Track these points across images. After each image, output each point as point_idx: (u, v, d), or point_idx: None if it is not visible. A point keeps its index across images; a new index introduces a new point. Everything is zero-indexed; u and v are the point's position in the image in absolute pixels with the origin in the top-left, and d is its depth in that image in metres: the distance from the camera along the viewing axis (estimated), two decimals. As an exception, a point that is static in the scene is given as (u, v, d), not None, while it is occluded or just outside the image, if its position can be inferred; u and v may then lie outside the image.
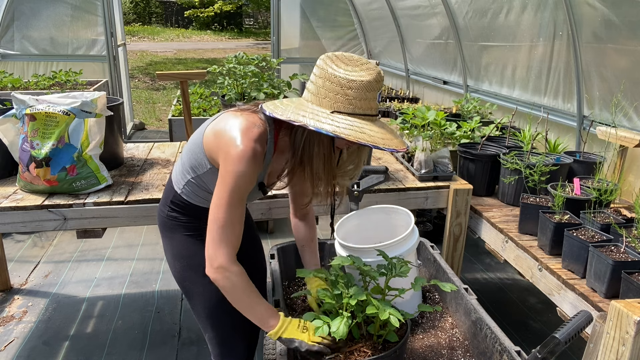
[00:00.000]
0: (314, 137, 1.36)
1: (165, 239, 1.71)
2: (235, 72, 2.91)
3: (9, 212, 2.22)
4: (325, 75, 1.31)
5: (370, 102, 1.31)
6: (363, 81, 1.28)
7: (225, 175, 1.36)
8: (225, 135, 1.39)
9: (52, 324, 2.93)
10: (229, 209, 1.36)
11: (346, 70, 1.30)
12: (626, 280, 1.76)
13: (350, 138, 1.24)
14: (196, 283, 1.66)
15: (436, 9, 4.70)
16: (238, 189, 1.35)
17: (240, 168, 1.34)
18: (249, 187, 1.38)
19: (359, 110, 1.30)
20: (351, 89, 1.28)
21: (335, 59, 1.34)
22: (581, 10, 2.97)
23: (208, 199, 1.58)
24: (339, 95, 1.29)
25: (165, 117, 8.32)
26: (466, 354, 1.56)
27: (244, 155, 1.33)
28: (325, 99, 1.30)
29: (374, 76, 1.31)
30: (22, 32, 5.58)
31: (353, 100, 1.28)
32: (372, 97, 1.31)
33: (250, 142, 1.35)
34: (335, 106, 1.29)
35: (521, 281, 3.47)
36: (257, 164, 1.37)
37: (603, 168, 2.64)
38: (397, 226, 1.88)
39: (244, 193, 1.38)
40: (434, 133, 2.92)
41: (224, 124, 1.43)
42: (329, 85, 1.30)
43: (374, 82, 1.30)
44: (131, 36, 20.57)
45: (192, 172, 1.55)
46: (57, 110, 2.28)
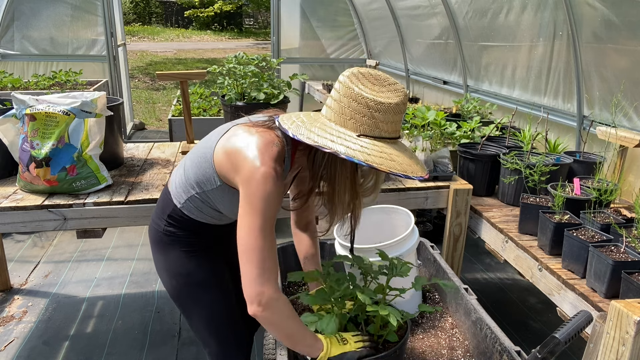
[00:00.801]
0: (336, 160, 1.30)
1: (158, 254, 1.63)
2: (235, 72, 2.91)
3: (9, 212, 2.22)
4: (350, 94, 1.23)
5: (396, 125, 1.26)
6: (391, 104, 1.22)
7: (252, 199, 1.25)
8: (242, 154, 1.31)
9: (52, 324, 2.93)
10: (265, 235, 1.25)
11: (372, 90, 1.24)
12: (626, 280, 1.76)
13: (383, 168, 1.18)
14: (197, 301, 1.62)
15: (436, 9, 4.70)
16: (269, 211, 1.26)
17: (267, 189, 1.25)
18: (278, 207, 1.30)
19: (385, 134, 1.24)
20: (379, 112, 1.22)
21: (362, 77, 1.27)
22: (581, 10, 2.97)
23: (212, 215, 1.54)
24: (366, 117, 1.22)
25: (165, 117, 8.32)
26: (466, 354, 1.56)
27: (268, 175, 1.25)
28: (351, 120, 1.23)
29: (402, 98, 1.25)
30: (22, 32, 5.58)
31: (380, 124, 1.23)
32: (399, 120, 1.26)
33: (271, 162, 1.27)
34: (361, 129, 1.23)
35: (521, 281, 3.47)
36: (280, 183, 1.29)
37: (603, 168, 2.64)
38: (397, 226, 1.88)
39: (275, 215, 1.28)
40: (434, 133, 2.92)
41: (239, 141, 1.34)
42: (355, 106, 1.23)
43: (402, 105, 1.25)
44: (131, 36, 20.57)
45: (198, 187, 1.47)
46: (57, 110, 2.28)
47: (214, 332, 1.64)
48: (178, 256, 1.59)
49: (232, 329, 1.67)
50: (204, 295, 1.62)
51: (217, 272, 1.65)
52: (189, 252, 1.60)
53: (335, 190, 1.34)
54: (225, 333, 1.65)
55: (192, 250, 1.60)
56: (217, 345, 1.67)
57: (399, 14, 5.66)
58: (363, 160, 1.17)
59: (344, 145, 1.19)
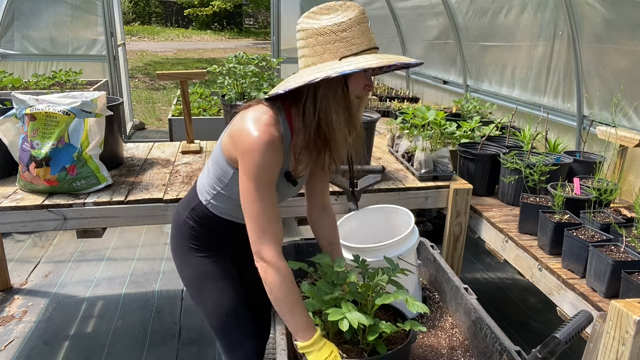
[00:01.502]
0: (329, 96, 1.31)
1: (175, 240, 1.69)
2: (235, 71, 2.90)
3: (9, 212, 2.22)
4: (312, 33, 1.27)
5: (368, 35, 1.28)
6: (351, 18, 1.25)
7: (246, 169, 1.32)
8: (238, 130, 1.36)
9: (52, 323, 2.93)
10: (260, 200, 1.32)
11: (329, 17, 1.27)
12: (626, 280, 1.77)
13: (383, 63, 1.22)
14: (204, 290, 1.64)
15: (436, 8, 4.70)
16: (263, 177, 1.31)
17: (259, 156, 1.29)
18: (273, 174, 1.34)
19: (363, 47, 1.27)
20: (344, 31, 1.25)
21: (312, 14, 1.30)
22: (581, 10, 2.97)
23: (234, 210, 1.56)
24: (337, 42, 1.25)
25: (165, 117, 8.32)
26: (466, 354, 1.57)
27: (260, 142, 1.29)
28: (326, 53, 1.26)
29: (358, 10, 1.28)
30: (22, 32, 5.58)
31: (353, 40, 1.25)
32: (366, 29, 1.28)
33: (263, 128, 1.30)
34: (339, 53, 1.26)
35: (521, 281, 3.47)
36: (276, 150, 1.32)
37: (603, 168, 2.65)
38: (397, 226, 1.88)
39: (270, 181, 1.33)
40: (434, 133, 2.92)
41: (235, 122, 1.41)
42: (322, 39, 1.26)
43: (360, 15, 1.27)
44: (131, 36, 20.57)
45: (220, 182, 1.51)
46: (57, 110, 2.28)
47: (221, 325, 1.65)
48: (189, 247, 1.64)
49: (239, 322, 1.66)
50: (210, 287, 1.64)
51: (223, 266, 1.66)
52: (199, 246, 1.63)
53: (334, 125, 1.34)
54: (231, 325, 1.65)
55: (202, 246, 1.63)
56: (223, 337, 1.67)
57: (399, 14, 5.66)
58: (360, 67, 1.20)
59: (332, 70, 1.22)
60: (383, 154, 3.22)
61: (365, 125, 2.67)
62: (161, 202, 2.34)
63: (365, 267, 1.50)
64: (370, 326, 1.35)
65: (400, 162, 3.01)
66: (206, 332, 2.88)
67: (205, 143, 3.31)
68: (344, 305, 1.34)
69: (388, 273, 1.45)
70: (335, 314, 1.31)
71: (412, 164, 2.84)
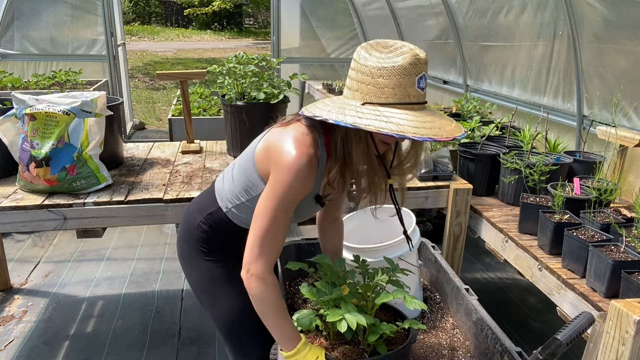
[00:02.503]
0: (351, 134, 1.29)
1: (183, 244, 1.67)
2: (235, 71, 2.90)
3: (9, 212, 2.22)
4: (357, 66, 1.23)
5: (407, 89, 1.19)
6: (395, 66, 1.17)
7: (275, 184, 1.29)
8: (277, 146, 1.33)
9: (52, 323, 2.93)
10: (275, 219, 1.30)
11: (379, 58, 1.20)
12: (626, 279, 1.77)
13: (370, 128, 1.15)
14: (214, 295, 1.62)
15: (436, 8, 4.70)
16: (287, 198, 1.29)
17: (292, 177, 1.27)
18: (298, 198, 1.32)
19: (393, 99, 1.19)
20: (382, 77, 1.18)
21: (369, 47, 1.24)
22: (581, 10, 2.97)
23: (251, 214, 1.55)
24: (370, 85, 1.20)
25: (165, 117, 8.32)
26: (467, 355, 1.56)
27: (297, 164, 1.26)
28: (357, 91, 1.22)
29: (409, 59, 1.18)
30: (22, 32, 5.58)
31: (385, 89, 1.18)
32: (409, 83, 1.19)
33: (303, 149, 1.28)
34: (366, 97, 1.21)
35: (521, 281, 3.47)
36: (310, 174, 1.30)
37: (603, 168, 2.64)
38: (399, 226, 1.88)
39: (292, 204, 1.32)
40: (434, 133, 2.92)
41: (275, 137, 1.37)
42: (360, 77, 1.21)
43: (409, 66, 1.18)
44: (131, 36, 20.56)
45: (246, 194, 1.49)
46: (57, 110, 2.28)
47: (231, 329, 1.64)
48: (198, 250, 1.62)
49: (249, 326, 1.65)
50: (220, 291, 1.63)
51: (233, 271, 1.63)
52: (209, 249, 1.62)
53: (353, 165, 1.32)
54: (241, 330, 1.64)
55: (211, 250, 1.62)
56: (233, 342, 1.67)
57: (399, 14, 5.66)
58: (350, 123, 1.16)
59: (338, 113, 1.19)
60: (383, 154, 3.22)
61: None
62: (161, 202, 2.34)
63: (365, 268, 1.50)
64: (370, 326, 1.34)
65: (401, 162, 3.01)
66: (206, 332, 2.88)
67: (205, 143, 3.31)
68: (343, 305, 1.33)
69: (388, 273, 1.44)
70: (334, 314, 1.30)
71: (412, 164, 2.84)
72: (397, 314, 1.50)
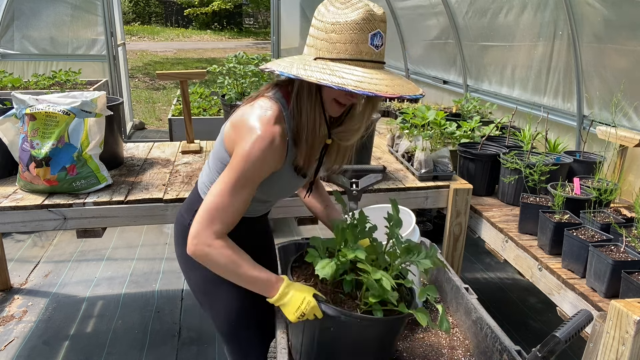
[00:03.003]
0: (303, 92, 1.30)
1: (179, 247, 1.65)
2: (235, 71, 2.91)
3: (9, 212, 2.22)
4: (315, 22, 1.24)
5: (359, 46, 1.17)
6: (347, 21, 1.16)
7: (236, 158, 1.29)
8: (242, 123, 1.33)
9: (52, 323, 2.93)
10: (230, 193, 1.28)
11: (334, 13, 1.19)
12: (626, 279, 1.77)
13: (311, 79, 1.14)
14: (213, 295, 1.62)
15: (436, 8, 4.70)
16: (246, 175, 1.28)
17: (252, 152, 1.26)
18: (260, 174, 1.31)
19: (344, 55, 1.18)
20: (335, 32, 1.17)
21: (328, 3, 1.23)
22: (581, 10, 2.97)
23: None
24: (323, 40, 1.19)
25: (165, 117, 8.32)
26: (466, 354, 1.57)
27: (259, 141, 1.26)
28: (313, 47, 1.23)
29: (362, 14, 1.17)
30: (22, 32, 5.58)
31: (337, 45, 1.18)
32: (362, 39, 1.17)
33: (266, 127, 1.27)
34: (319, 53, 1.21)
35: (521, 281, 3.47)
36: (273, 151, 1.29)
37: (603, 168, 2.65)
38: (398, 226, 1.88)
39: (252, 180, 1.30)
40: (434, 133, 2.92)
41: (240, 114, 1.37)
42: (316, 32, 1.22)
43: (362, 22, 1.16)
44: (131, 36, 20.56)
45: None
46: (57, 109, 2.28)
47: (230, 330, 1.64)
48: None
49: (248, 327, 1.65)
50: (219, 292, 1.62)
51: None
52: None
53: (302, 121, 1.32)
54: (240, 331, 1.64)
55: None
56: (232, 343, 1.67)
57: (399, 14, 5.66)
58: (293, 74, 1.16)
59: (287, 68, 1.19)
60: (383, 153, 3.22)
61: (365, 125, 2.67)
62: (161, 202, 2.34)
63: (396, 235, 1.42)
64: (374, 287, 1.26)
65: (400, 162, 3.01)
66: (206, 332, 2.88)
67: (205, 143, 3.31)
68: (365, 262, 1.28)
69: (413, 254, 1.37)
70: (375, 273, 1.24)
71: (412, 163, 2.84)
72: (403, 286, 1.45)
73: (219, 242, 1.29)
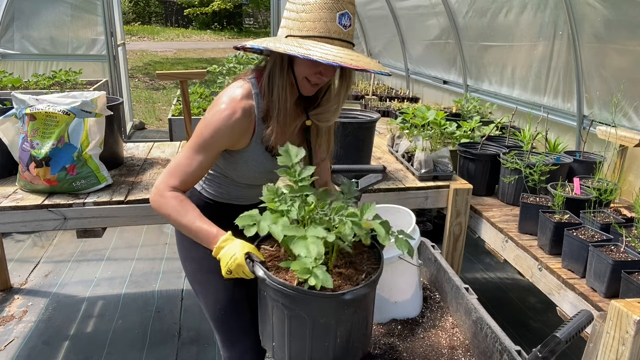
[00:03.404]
0: (275, 69, 1.37)
1: (178, 240, 1.72)
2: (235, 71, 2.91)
3: (9, 212, 2.22)
4: (288, 4, 1.32)
5: (327, 24, 1.25)
6: (317, 1, 1.24)
7: (197, 126, 1.41)
8: (214, 102, 1.44)
9: (52, 323, 2.93)
10: (192, 156, 1.39)
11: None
12: (626, 279, 1.77)
13: (280, 50, 1.22)
14: (205, 285, 1.66)
15: (436, 8, 4.70)
16: (204, 139, 1.38)
17: (211, 121, 1.37)
18: (216, 143, 1.39)
19: (312, 32, 1.25)
20: (305, 12, 1.25)
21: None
22: (581, 10, 2.97)
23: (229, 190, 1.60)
24: (295, 20, 1.28)
25: (165, 117, 8.31)
26: (467, 354, 1.57)
27: (219, 112, 1.37)
28: (285, 27, 1.31)
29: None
30: (22, 32, 5.57)
31: (307, 23, 1.26)
32: (330, 17, 1.24)
33: (231, 103, 1.37)
34: (290, 32, 1.28)
35: (521, 281, 3.47)
36: (235, 123, 1.38)
37: (603, 168, 2.64)
38: (398, 225, 1.87)
39: (209, 147, 1.39)
40: (434, 133, 2.92)
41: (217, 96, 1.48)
42: (288, 14, 1.30)
43: (330, 1, 1.24)
44: (131, 36, 20.56)
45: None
46: (57, 109, 2.28)
47: (219, 319, 1.66)
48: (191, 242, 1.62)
49: (238, 317, 1.66)
50: (211, 282, 1.65)
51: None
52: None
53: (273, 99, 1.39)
54: (229, 321, 1.66)
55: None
56: (221, 332, 1.69)
57: (399, 14, 5.66)
58: (262, 46, 1.26)
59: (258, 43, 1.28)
60: (383, 153, 3.22)
61: (365, 125, 2.67)
62: (161, 202, 2.34)
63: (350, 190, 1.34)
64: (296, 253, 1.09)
65: (400, 162, 3.01)
66: (206, 332, 2.88)
67: (205, 143, 3.31)
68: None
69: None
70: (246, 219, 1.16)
71: (412, 163, 2.84)
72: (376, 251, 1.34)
73: (171, 194, 1.39)
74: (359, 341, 1.22)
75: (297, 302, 1.12)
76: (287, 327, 1.16)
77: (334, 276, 1.18)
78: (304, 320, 1.13)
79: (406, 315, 1.67)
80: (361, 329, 1.22)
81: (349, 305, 1.13)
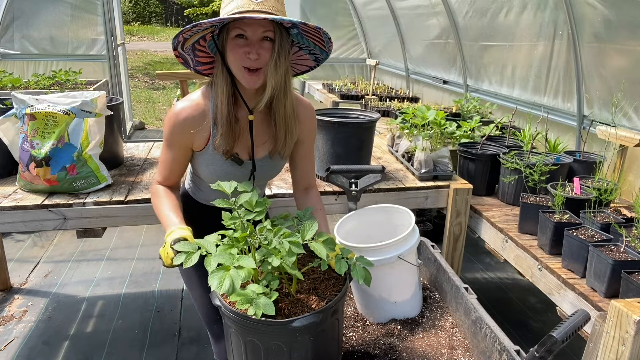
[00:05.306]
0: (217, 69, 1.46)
1: None
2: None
3: (8, 212, 2.22)
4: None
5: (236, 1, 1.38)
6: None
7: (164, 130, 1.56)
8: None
9: (52, 323, 2.93)
10: (162, 152, 1.57)
11: None
12: (626, 279, 1.77)
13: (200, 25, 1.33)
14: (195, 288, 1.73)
15: (436, 8, 4.70)
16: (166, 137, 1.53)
17: (165, 121, 1.53)
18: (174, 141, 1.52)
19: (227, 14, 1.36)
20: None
21: None
22: (581, 10, 2.97)
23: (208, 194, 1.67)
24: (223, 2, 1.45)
25: (165, 117, 8.31)
26: (466, 353, 1.57)
27: (170, 113, 1.52)
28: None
29: None
30: (22, 32, 5.57)
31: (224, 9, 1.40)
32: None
33: (183, 104, 1.49)
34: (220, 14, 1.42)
35: (521, 281, 3.47)
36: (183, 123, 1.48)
37: (603, 168, 2.64)
38: (398, 225, 1.88)
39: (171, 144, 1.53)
40: (434, 132, 2.92)
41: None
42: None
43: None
44: (131, 36, 20.56)
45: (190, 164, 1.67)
46: (57, 109, 2.28)
47: (208, 314, 1.73)
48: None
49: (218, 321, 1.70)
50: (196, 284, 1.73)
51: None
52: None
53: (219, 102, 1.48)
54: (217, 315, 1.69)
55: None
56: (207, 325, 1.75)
57: (399, 14, 5.66)
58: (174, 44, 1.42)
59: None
60: (383, 153, 3.22)
61: (365, 125, 2.67)
62: (161, 201, 2.34)
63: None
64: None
65: (400, 162, 3.01)
66: (206, 332, 2.88)
67: (205, 143, 3.31)
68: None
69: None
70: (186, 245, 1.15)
71: (412, 163, 2.84)
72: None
73: (154, 187, 1.59)
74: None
75: (248, 329, 1.11)
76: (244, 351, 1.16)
77: (293, 302, 1.18)
78: (257, 345, 1.13)
79: (406, 315, 1.67)
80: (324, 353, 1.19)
81: (301, 333, 1.10)
